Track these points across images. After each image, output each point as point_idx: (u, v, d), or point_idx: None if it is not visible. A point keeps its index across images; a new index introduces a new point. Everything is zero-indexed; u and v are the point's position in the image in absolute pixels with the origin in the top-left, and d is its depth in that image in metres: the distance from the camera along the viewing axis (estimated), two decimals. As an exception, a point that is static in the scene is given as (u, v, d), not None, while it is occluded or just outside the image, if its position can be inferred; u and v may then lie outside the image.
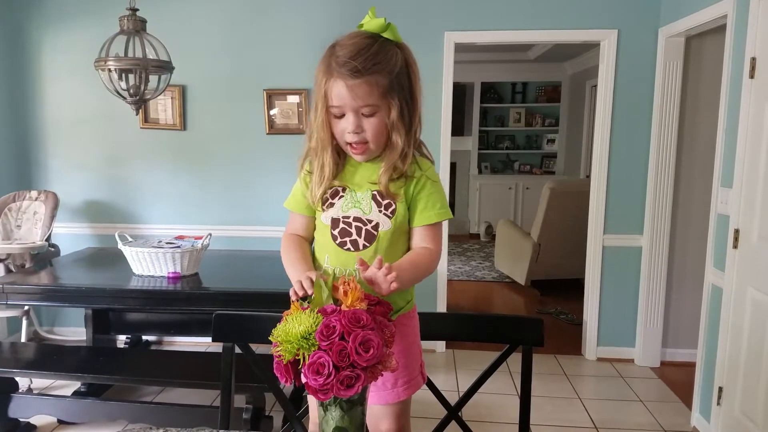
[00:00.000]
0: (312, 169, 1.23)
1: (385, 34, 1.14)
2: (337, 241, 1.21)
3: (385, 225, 1.20)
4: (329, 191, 1.22)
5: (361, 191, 1.21)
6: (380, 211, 1.20)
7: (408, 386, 1.27)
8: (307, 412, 1.34)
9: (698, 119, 3.34)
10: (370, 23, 1.14)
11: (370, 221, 1.20)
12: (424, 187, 1.21)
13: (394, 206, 1.20)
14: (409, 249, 1.25)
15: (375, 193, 1.20)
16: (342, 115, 1.14)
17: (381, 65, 1.11)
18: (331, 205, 1.22)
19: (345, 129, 1.15)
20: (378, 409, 1.27)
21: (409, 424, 1.34)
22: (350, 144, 1.17)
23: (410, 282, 1.17)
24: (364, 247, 1.20)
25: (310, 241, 1.30)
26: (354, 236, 1.20)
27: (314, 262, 1.26)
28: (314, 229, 1.28)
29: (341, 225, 1.21)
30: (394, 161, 1.17)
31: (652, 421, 2.86)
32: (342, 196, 1.22)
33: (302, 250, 1.26)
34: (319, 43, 1.45)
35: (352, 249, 1.20)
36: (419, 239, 1.23)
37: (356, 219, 1.20)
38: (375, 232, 1.20)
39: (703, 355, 2.73)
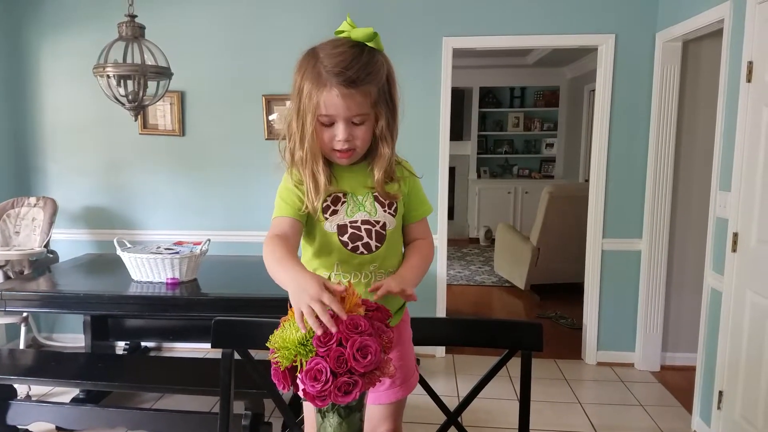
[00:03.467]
0: (301, 179, 1.20)
1: (371, 44, 1.14)
2: (349, 247, 1.22)
3: (391, 224, 1.24)
4: (329, 198, 1.22)
5: (362, 195, 1.23)
6: (385, 211, 1.23)
7: (405, 385, 1.29)
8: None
9: (696, 123, 3.35)
10: (357, 32, 1.13)
11: (378, 222, 1.23)
12: (413, 185, 1.29)
13: (395, 205, 1.25)
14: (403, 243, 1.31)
15: (376, 194, 1.23)
16: (331, 123, 1.14)
17: (372, 75, 1.12)
18: (335, 212, 1.22)
19: (335, 137, 1.15)
20: (376, 410, 1.27)
21: (401, 426, 1.34)
22: (337, 151, 1.17)
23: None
24: (376, 248, 1.22)
25: (296, 247, 1.23)
26: (365, 239, 1.22)
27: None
28: (302, 234, 1.25)
29: (350, 230, 1.22)
30: (385, 168, 1.21)
31: (653, 426, 2.85)
32: (344, 202, 1.22)
33: (290, 247, 1.14)
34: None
35: (365, 252, 1.22)
36: (416, 233, 1.31)
37: (364, 222, 1.22)
38: (383, 232, 1.23)
39: (703, 359, 2.73)
